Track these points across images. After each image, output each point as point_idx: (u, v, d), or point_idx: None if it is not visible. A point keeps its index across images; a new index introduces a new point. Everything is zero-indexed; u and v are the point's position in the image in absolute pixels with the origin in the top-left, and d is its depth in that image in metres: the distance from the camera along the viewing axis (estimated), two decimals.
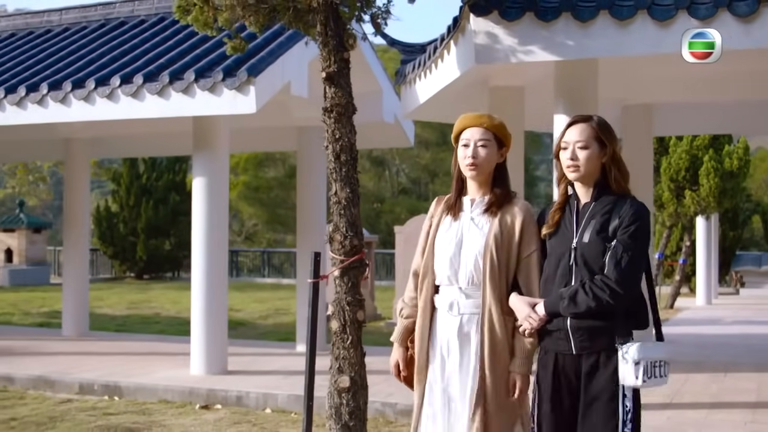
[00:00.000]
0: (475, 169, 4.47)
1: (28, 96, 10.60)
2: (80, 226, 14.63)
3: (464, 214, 4.56)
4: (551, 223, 4.36)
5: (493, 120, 4.56)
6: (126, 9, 13.07)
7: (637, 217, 4.14)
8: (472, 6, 7.72)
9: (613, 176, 4.25)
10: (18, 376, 10.68)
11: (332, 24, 6.48)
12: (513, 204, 4.51)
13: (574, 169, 4.25)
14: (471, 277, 4.45)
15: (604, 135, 4.27)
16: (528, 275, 4.42)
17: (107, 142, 15.37)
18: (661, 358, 4.10)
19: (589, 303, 4.06)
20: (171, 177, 36.21)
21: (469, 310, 4.44)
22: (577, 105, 8.39)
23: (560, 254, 4.27)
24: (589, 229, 4.19)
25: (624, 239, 4.09)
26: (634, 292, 4.12)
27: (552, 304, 4.21)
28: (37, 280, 31.51)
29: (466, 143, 4.51)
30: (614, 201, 4.22)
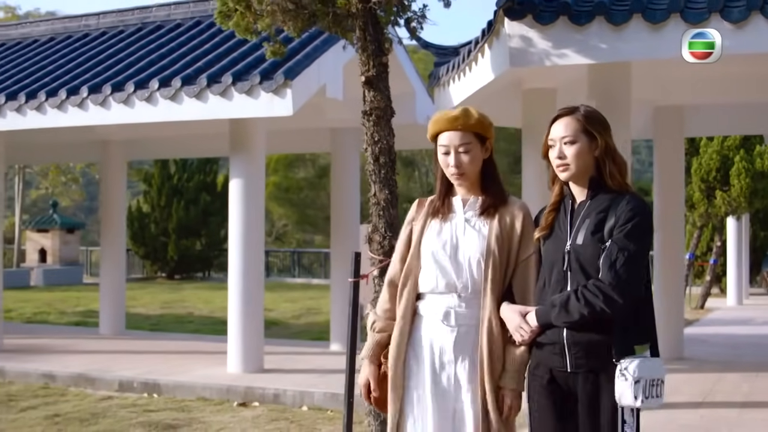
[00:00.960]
0: (461, 178, 4.10)
1: (68, 99, 10.82)
2: (116, 226, 14.87)
3: (456, 216, 4.15)
4: (544, 225, 4.01)
5: (469, 118, 4.09)
6: (162, 13, 13.28)
7: (634, 213, 3.73)
8: (507, 10, 7.84)
9: (608, 170, 3.84)
10: (59, 373, 10.90)
11: (371, 29, 6.64)
12: (510, 203, 4.15)
13: (563, 168, 3.88)
14: (470, 284, 4.05)
15: (593, 126, 3.84)
16: (524, 280, 4.06)
17: (143, 143, 15.61)
18: (659, 377, 3.71)
19: (582, 310, 3.67)
20: (202, 177, 36.47)
21: (468, 320, 4.05)
22: (610, 107, 8.44)
23: (554, 259, 3.89)
24: (584, 229, 3.81)
25: (619, 238, 3.69)
26: (631, 298, 3.68)
27: (544, 313, 3.82)
28: (71, 279, 31.86)
29: (445, 150, 4.09)
30: (611, 198, 3.82)
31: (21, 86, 11.59)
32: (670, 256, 12.16)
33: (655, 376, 3.68)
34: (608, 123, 3.91)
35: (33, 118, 11.16)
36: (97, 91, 10.67)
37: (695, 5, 7.54)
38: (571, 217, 3.90)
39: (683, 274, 13.01)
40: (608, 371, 3.67)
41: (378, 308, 4.33)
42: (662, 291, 12.06)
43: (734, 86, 10.88)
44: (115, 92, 10.51)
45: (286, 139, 14.11)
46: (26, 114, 11.17)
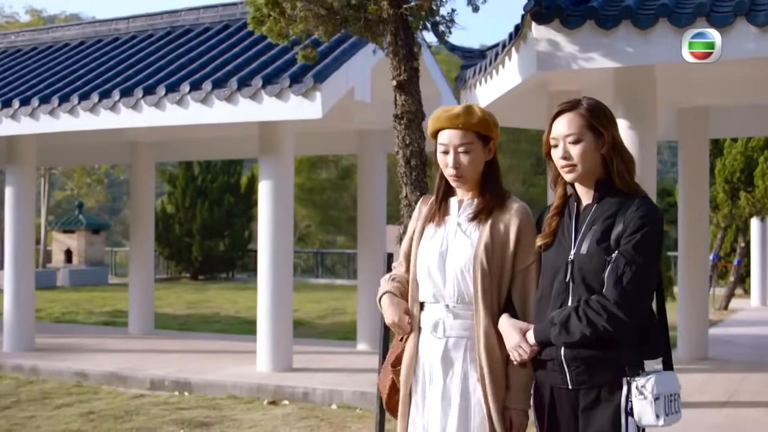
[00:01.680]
0: (459, 180, 3.81)
1: (100, 102, 11.00)
2: (145, 227, 15.06)
3: (450, 219, 3.88)
4: (548, 231, 3.68)
5: (472, 116, 3.79)
6: (191, 17, 13.46)
7: (645, 221, 3.42)
8: (534, 14, 7.96)
9: (616, 168, 3.54)
10: (91, 372, 11.08)
11: (402, 34, 6.78)
12: (507, 207, 3.82)
13: (569, 169, 3.58)
14: (459, 294, 3.77)
15: (598, 121, 3.54)
16: (523, 291, 3.75)
17: (171, 145, 15.81)
18: (675, 391, 3.48)
19: (584, 330, 3.39)
20: (226, 179, 36.65)
21: (456, 332, 3.77)
22: (635, 110, 8.64)
23: (556, 268, 3.58)
24: (589, 237, 3.50)
25: (627, 250, 3.38)
26: (638, 317, 3.42)
27: (542, 331, 3.54)
28: (96, 280, 32.13)
29: (444, 149, 3.81)
30: (619, 202, 3.52)
31: (54, 90, 11.79)
32: (694, 257, 12.23)
33: (672, 390, 3.46)
34: (613, 115, 3.63)
35: (66, 121, 11.34)
36: (129, 94, 10.84)
37: (721, 9, 7.63)
38: (576, 221, 3.62)
39: (707, 274, 13.06)
40: (610, 385, 3.45)
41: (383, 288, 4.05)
42: (687, 292, 12.15)
43: (759, 88, 10.93)
44: (146, 95, 10.68)
45: (313, 140, 14.25)
46: (59, 117, 11.36)
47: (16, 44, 15.25)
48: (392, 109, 7.25)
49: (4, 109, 11.77)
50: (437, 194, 3.93)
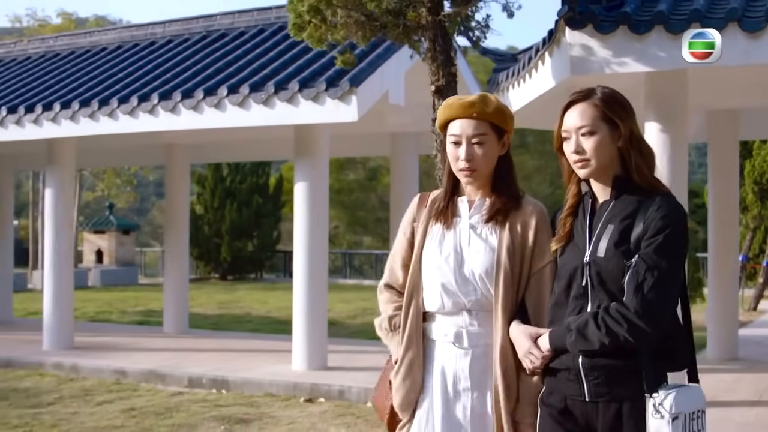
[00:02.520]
0: (472, 174, 3.51)
1: (139, 105, 11.23)
2: (180, 228, 15.29)
3: (461, 221, 3.57)
4: (562, 234, 3.40)
5: (487, 105, 3.50)
6: (226, 21, 13.68)
7: (668, 222, 3.12)
8: (568, 20, 8.10)
9: (634, 163, 3.24)
10: (130, 369, 11.31)
11: (440, 40, 6.95)
12: (522, 206, 3.55)
13: (582, 164, 3.29)
14: (481, 300, 3.50)
15: (614, 112, 3.24)
16: (538, 295, 3.48)
17: (206, 147, 16.04)
18: (699, 408, 3.13)
19: (602, 339, 3.10)
20: (254, 180, 36.95)
21: (483, 340, 3.50)
22: (667, 113, 8.76)
23: (571, 271, 3.30)
24: (605, 238, 3.21)
25: (648, 254, 3.08)
26: (662, 326, 3.11)
27: (558, 337, 3.26)
28: (126, 280, 32.50)
29: (456, 140, 3.51)
30: (639, 200, 3.22)
31: (93, 93, 12.04)
32: (724, 258, 12.32)
33: (695, 407, 3.12)
34: (631, 106, 3.32)
35: (105, 124, 11.59)
36: (168, 97, 11.07)
37: (752, 14, 7.75)
38: (591, 220, 3.33)
39: (737, 275, 13.16)
40: (634, 400, 3.13)
41: (388, 309, 3.75)
42: (716, 293, 12.25)
43: None
44: (184, 99, 10.90)
45: (346, 143, 14.42)
46: (99, 120, 11.60)
47: (54, 48, 15.54)
48: (425, 112, 7.42)
49: (45, 113, 12.03)
50: (445, 194, 3.61)
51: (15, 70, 15.04)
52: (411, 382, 3.58)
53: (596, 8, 8.12)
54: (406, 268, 3.67)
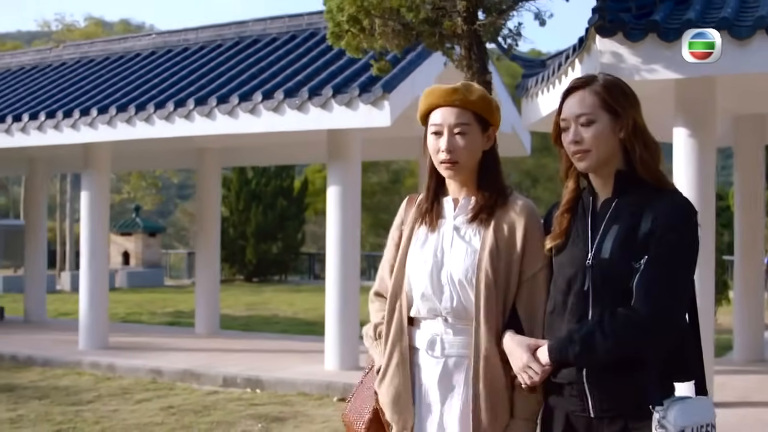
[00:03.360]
0: (453, 167, 3.22)
1: (176, 111, 11.49)
2: (211, 231, 15.55)
3: (445, 222, 3.32)
4: (558, 232, 3.13)
5: (471, 93, 3.24)
6: (258, 27, 13.94)
7: (677, 221, 2.90)
8: (599, 28, 8.28)
9: (638, 156, 2.99)
10: (166, 369, 11.55)
11: (475, 49, 7.15)
12: (510, 205, 3.26)
13: (581, 156, 3.03)
14: (458, 308, 3.21)
15: (615, 100, 3.01)
16: (531, 303, 3.18)
17: (237, 151, 16.30)
18: (708, 422, 2.91)
19: (610, 349, 2.86)
20: (279, 183, 37.20)
21: (457, 350, 3.21)
22: (696, 118, 8.92)
23: (571, 275, 3.03)
24: (610, 238, 2.96)
25: (658, 256, 2.85)
26: (675, 334, 2.91)
27: (559, 348, 2.97)
28: (152, 282, 32.81)
29: (436, 130, 3.23)
30: (645, 197, 2.97)
31: (130, 99, 12.31)
32: (750, 261, 12.46)
33: (703, 421, 2.90)
34: (635, 95, 3.09)
35: (142, 129, 11.85)
36: (203, 103, 11.32)
37: None
38: (593, 219, 3.07)
39: (763, 278, 13.29)
40: (640, 416, 2.91)
41: (374, 318, 3.49)
42: (743, 295, 12.39)
43: None
44: (220, 104, 11.15)
45: (374, 146, 14.63)
46: (135, 125, 11.87)
47: (89, 54, 15.84)
48: None
49: (83, 117, 12.30)
50: (427, 193, 3.36)
51: (51, 75, 15.36)
52: (395, 389, 3.29)
53: (626, 16, 8.31)
54: (391, 272, 3.41)
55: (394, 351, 3.30)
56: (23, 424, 8.74)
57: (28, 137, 12.98)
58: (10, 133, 13.07)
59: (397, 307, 3.32)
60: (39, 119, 12.73)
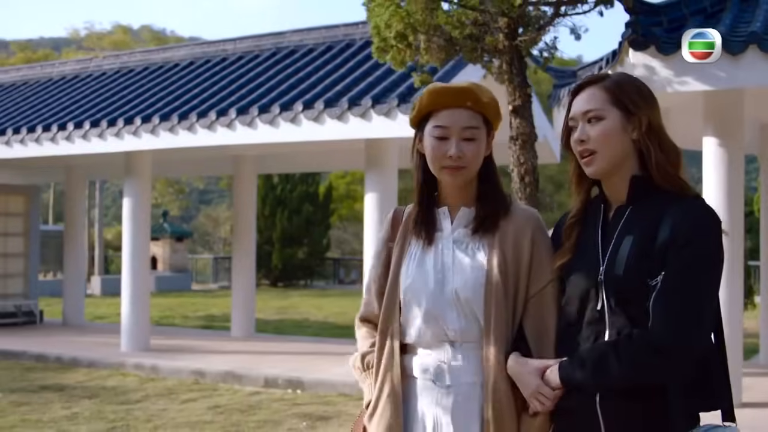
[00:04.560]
0: (460, 171, 2.90)
1: (218, 120, 11.87)
2: (247, 236, 15.95)
3: (442, 236, 2.97)
4: (568, 245, 2.83)
5: (482, 95, 2.94)
6: (296, 38, 14.33)
7: (699, 232, 2.56)
8: (632, 42, 8.62)
9: (654, 159, 2.66)
10: (208, 370, 11.92)
11: (516, 63, 7.48)
12: (513, 215, 2.97)
13: (588, 157, 2.73)
14: (467, 330, 2.89)
15: (627, 97, 2.70)
16: (539, 322, 2.87)
17: (273, 158, 16.68)
18: None
19: (625, 373, 2.57)
20: (304, 188, 37.54)
21: (469, 377, 2.89)
22: (724, 127, 9.24)
23: (583, 292, 2.73)
24: (624, 251, 2.64)
25: (678, 271, 2.52)
26: (696, 356, 2.57)
27: (570, 370, 2.68)
28: (180, 286, 33.26)
29: (443, 134, 2.90)
30: (663, 205, 2.63)
31: (172, 108, 12.70)
32: None
33: None
34: (653, 95, 2.79)
35: (184, 137, 12.25)
36: (245, 112, 11.70)
37: None
38: (604, 230, 2.76)
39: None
40: None
41: (361, 347, 3.15)
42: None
43: None
44: (261, 114, 11.52)
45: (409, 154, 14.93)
46: (178, 133, 12.26)
47: (129, 64, 16.28)
48: None
49: (127, 126, 12.71)
50: (420, 203, 3.02)
51: (92, 85, 15.80)
52: (386, 423, 2.95)
53: (658, 31, 8.64)
54: (381, 297, 3.06)
55: (385, 382, 2.96)
56: (79, 421, 9.13)
57: (73, 145, 13.41)
58: (55, 141, 13.52)
59: (389, 333, 2.97)
60: (83, 128, 13.15)
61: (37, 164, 16.93)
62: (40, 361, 13.23)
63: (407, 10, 7.41)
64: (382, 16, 7.60)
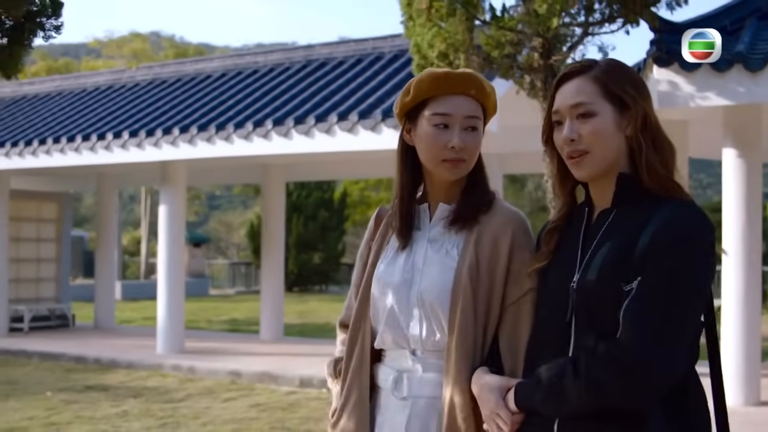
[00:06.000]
0: (460, 167, 2.64)
1: (254, 131, 12.36)
2: (276, 242, 16.52)
3: (421, 235, 2.73)
4: (545, 251, 2.52)
5: (485, 83, 2.69)
6: (325, 50, 14.83)
7: (682, 234, 2.22)
8: (656, 59, 9.10)
9: (645, 158, 2.34)
10: (244, 371, 12.41)
11: (550, 80, 7.95)
12: (494, 213, 2.67)
13: (578, 159, 2.38)
14: (429, 337, 2.62)
15: (621, 88, 2.36)
16: (515, 335, 2.57)
17: (301, 166, 17.17)
18: None
19: (583, 394, 2.20)
20: (320, 194, 38.01)
21: (429, 391, 2.63)
22: (743, 139, 9.70)
23: (554, 301, 2.41)
24: (600, 256, 2.31)
25: (655, 279, 2.18)
26: (669, 376, 2.18)
27: (525, 393, 2.36)
28: (198, 291, 33.72)
29: (444, 122, 2.61)
30: (649, 208, 2.30)
31: (209, 119, 13.20)
32: None
33: None
34: (646, 85, 2.45)
35: (222, 147, 12.73)
36: (281, 123, 12.18)
37: None
38: (585, 234, 2.44)
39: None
40: None
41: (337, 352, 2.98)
42: None
43: None
44: (297, 125, 12.01)
45: None
46: (215, 143, 12.75)
47: (161, 76, 16.79)
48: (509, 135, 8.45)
49: (165, 136, 13.21)
50: (402, 199, 2.76)
51: (126, 96, 16.31)
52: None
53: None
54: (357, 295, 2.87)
55: (352, 388, 2.74)
56: (130, 418, 9.62)
57: (111, 154, 13.91)
58: (94, 151, 14.01)
59: (359, 337, 2.76)
60: (123, 137, 13.64)
61: (70, 172, 17.45)
62: (79, 363, 13.74)
63: (449, 31, 7.88)
64: (425, 36, 8.07)
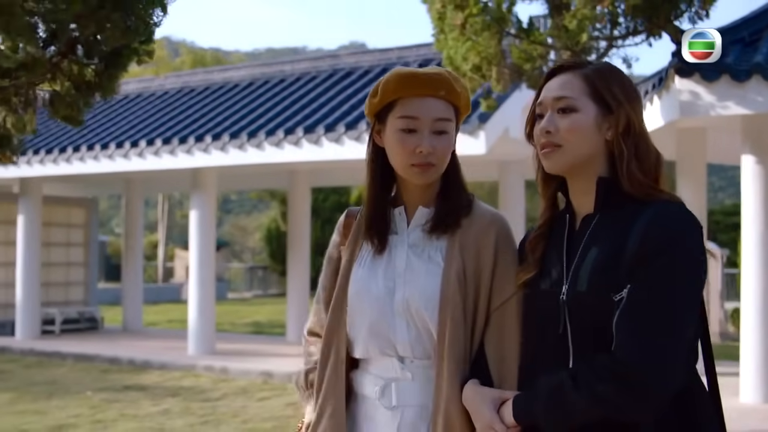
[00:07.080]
0: (430, 171, 2.55)
1: (285, 138, 12.76)
2: (301, 245, 16.87)
3: (396, 239, 2.64)
4: (531, 260, 2.46)
5: (455, 83, 2.59)
6: (351, 60, 15.22)
7: (670, 237, 2.16)
8: (678, 69, 9.44)
9: (625, 165, 2.28)
10: (276, 371, 12.79)
11: None
12: (476, 216, 2.62)
13: (549, 150, 2.34)
14: (417, 344, 2.56)
15: (608, 90, 2.31)
16: (501, 339, 2.51)
17: (326, 172, 17.51)
18: None
19: (585, 406, 2.16)
20: (337, 198, 38.33)
21: (418, 399, 2.56)
22: (762, 147, 10.03)
23: (545, 313, 2.35)
24: (587, 266, 2.27)
25: (645, 285, 2.13)
26: (670, 386, 2.12)
27: (523, 406, 2.30)
28: (217, 295, 33.83)
29: (411, 126, 2.52)
30: (633, 212, 2.25)
31: (240, 126, 13.60)
32: None
33: None
34: (637, 92, 2.39)
35: (253, 155, 13.13)
36: (312, 131, 12.58)
37: None
38: (569, 242, 2.39)
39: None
40: None
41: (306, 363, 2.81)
42: None
43: None
44: (327, 132, 12.40)
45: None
46: (247, 151, 13.14)
47: (190, 84, 17.21)
48: None
49: (198, 144, 13.60)
50: (373, 202, 2.67)
51: (155, 104, 16.72)
52: None
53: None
54: (327, 303, 2.73)
55: (327, 401, 2.62)
56: (172, 416, 10.00)
57: (144, 161, 14.32)
58: (127, 158, 14.42)
59: (333, 346, 2.64)
60: (155, 145, 14.04)
61: (100, 178, 17.86)
62: (113, 364, 14.15)
63: (482, 45, 8.26)
64: (459, 50, 8.45)
